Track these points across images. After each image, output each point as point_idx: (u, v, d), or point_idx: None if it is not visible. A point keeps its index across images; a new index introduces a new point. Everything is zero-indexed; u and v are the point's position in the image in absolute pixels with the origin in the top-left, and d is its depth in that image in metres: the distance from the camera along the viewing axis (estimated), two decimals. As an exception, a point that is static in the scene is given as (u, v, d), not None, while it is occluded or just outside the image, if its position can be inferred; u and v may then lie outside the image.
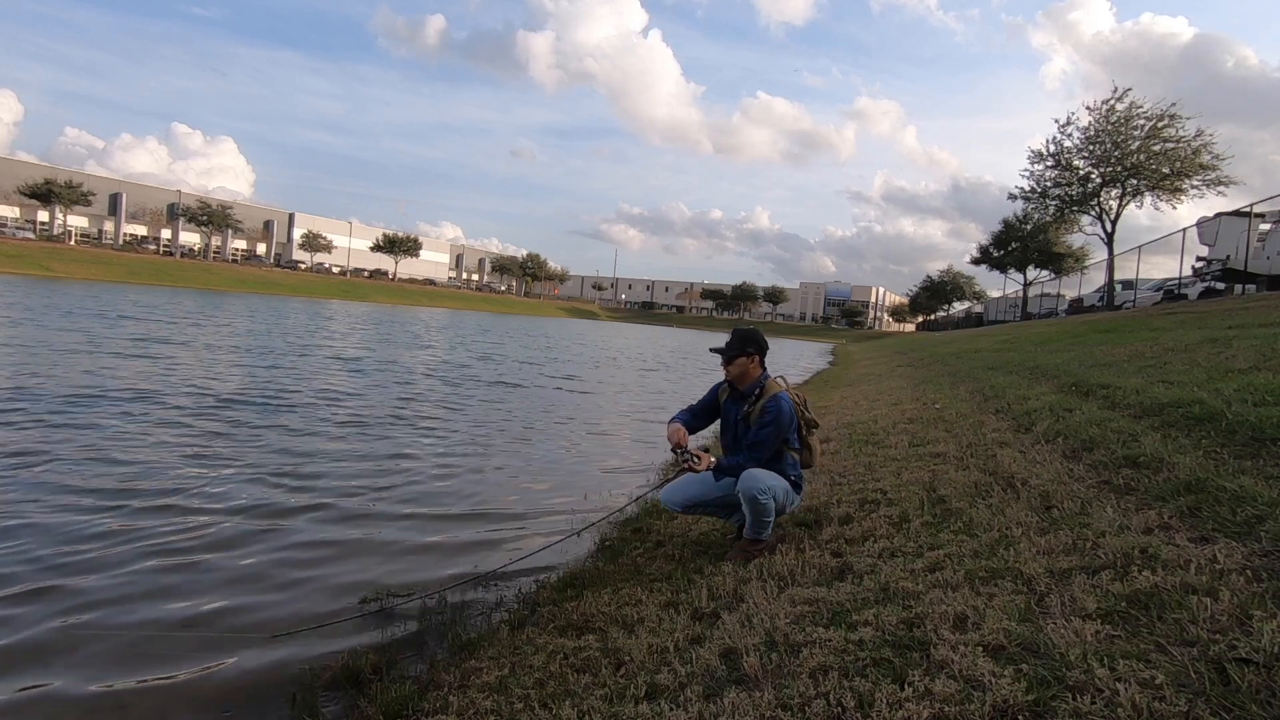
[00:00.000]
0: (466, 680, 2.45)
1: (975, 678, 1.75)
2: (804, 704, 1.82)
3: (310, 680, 2.65)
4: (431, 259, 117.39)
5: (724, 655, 2.22)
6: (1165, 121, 24.93)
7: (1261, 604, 1.82)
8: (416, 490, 5.42)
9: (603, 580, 3.37)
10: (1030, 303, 37.08)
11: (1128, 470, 3.20)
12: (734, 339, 3.53)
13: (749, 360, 3.49)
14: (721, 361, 3.54)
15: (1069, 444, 3.97)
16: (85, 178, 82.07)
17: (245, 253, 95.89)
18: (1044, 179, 28.69)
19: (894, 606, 2.28)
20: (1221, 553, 2.15)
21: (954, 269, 76.63)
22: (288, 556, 3.90)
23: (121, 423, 6.76)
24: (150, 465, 5.40)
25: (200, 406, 7.93)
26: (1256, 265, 15.47)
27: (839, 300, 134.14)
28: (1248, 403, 3.73)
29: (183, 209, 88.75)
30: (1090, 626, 1.88)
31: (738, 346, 3.49)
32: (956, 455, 4.43)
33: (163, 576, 3.53)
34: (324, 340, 19.49)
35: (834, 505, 3.85)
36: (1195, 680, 1.56)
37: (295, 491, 5.07)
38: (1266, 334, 6.57)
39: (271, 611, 3.28)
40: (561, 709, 2.04)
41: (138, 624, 3.05)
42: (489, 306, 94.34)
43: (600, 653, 2.47)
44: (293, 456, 6.07)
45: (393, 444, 6.93)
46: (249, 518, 4.44)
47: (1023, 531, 2.75)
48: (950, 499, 3.47)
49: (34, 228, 75.47)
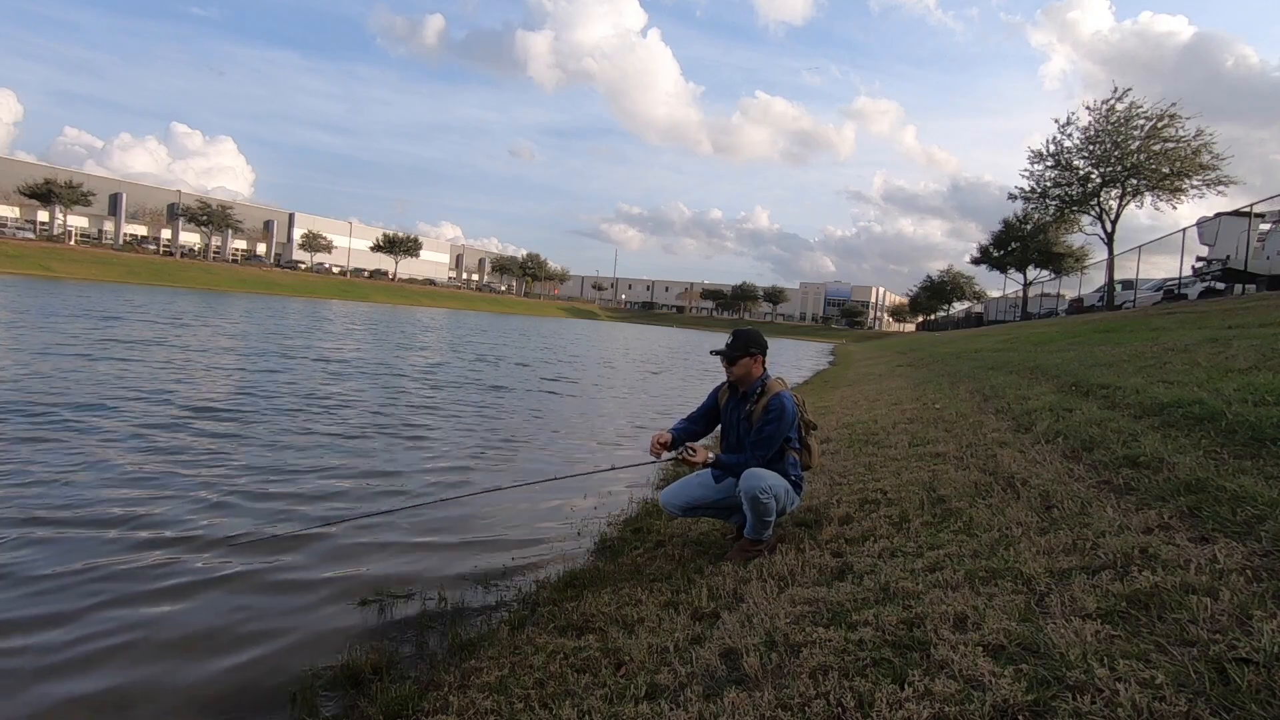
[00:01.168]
0: (466, 680, 2.45)
1: (975, 678, 1.75)
2: (804, 704, 1.82)
3: (310, 680, 2.65)
4: (431, 259, 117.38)
5: (724, 655, 2.22)
6: (1165, 121, 24.95)
7: (1261, 604, 1.82)
8: (415, 492, 5.41)
9: (603, 580, 3.37)
10: (1030, 303, 37.08)
11: (1128, 470, 3.20)
12: (736, 340, 3.52)
13: (752, 360, 3.49)
14: (723, 362, 3.53)
15: (1069, 444, 3.97)
16: (85, 178, 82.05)
17: (245, 253, 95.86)
18: (1044, 179, 28.71)
19: (894, 606, 2.27)
20: (1221, 553, 2.15)
21: (954, 269, 76.70)
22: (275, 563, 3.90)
23: (63, 434, 6.02)
24: (94, 485, 4.89)
25: (156, 419, 6.93)
26: (1256, 265, 15.48)
27: (839, 300, 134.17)
28: (1248, 403, 3.73)
29: (183, 209, 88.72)
30: (1090, 626, 1.88)
31: (741, 347, 3.48)
32: (956, 455, 4.42)
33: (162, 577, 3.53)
34: (314, 342, 19.34)
35: (834, 505, 3.85)
36: (1195, 680, 1.56)
37: (279, 502, 5.07)
38: (1266, 334, 6.57)
39: (271, 613, 3.28)
40: (561, 709, 2.04)
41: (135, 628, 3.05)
42: (489, 307, 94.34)
43: (600, 653, 2.47)
44: (265, 471, 6.06)
45: (390, 442, 6.93)
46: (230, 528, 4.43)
47: (1023, 531, 2.75)
48: (950, 499, 3.47)
49: (34, 228, 75.44)
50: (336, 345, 18.45)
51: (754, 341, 3.51)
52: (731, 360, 3.49)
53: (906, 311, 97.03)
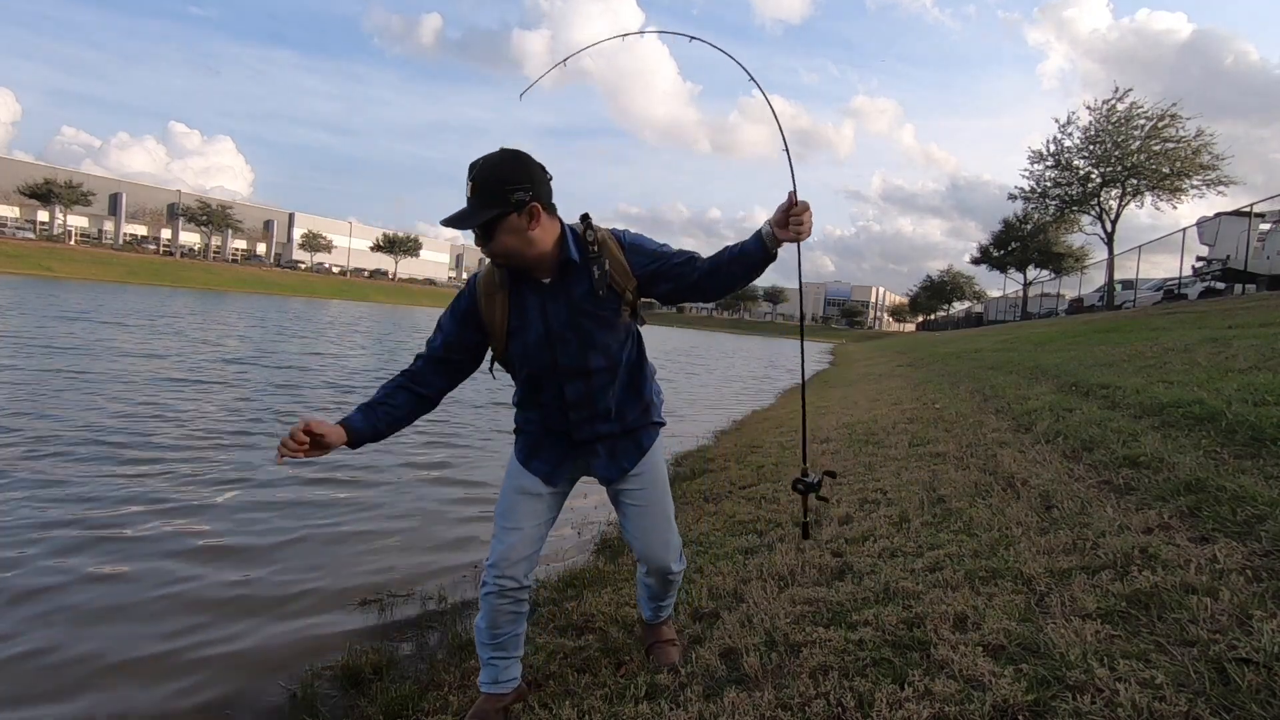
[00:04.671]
0: (466, 680, 2.45)
1: (975, 678, 1.75)
2: (804, 704, 1.82)
3: (310, 680, 2.65)
4: (432, 259, 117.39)
5: (724, 655, 2.22)
6: (1166, 121, 25.00)
7: (1261, 604, 1.82)
8: (414, 489, 5.42)
9: (603, 580, 3.37)
10: (1030, 302, 37.10)
11: (1128, 470, 3.20)
12: (484, 186, 1.69)
13: (535, 217, 1.74)
14: (478, 239, 1.78)
15: (1069, 444, 3.97)
16: (85, 177, 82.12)
17: (245, 253, 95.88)
18: (1044, 179, 28.76)
19: (894, 606, 2.28)
20: (1221, 553, 2.15)
21: (954, 268, 76.81)
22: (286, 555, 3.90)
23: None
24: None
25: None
26: (1256, 265, 15.49)
27: (839, 300, 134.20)
28: (1248, 402, 3.73)
29: (182, 209, 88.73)
30: (1090, 626, 1.88)
31: (497, 196, 1.69)
32: (956, 455, 4.42)
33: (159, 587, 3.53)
34: (303, 345, 19.38)
35: (834, 505, 3.85)
36: (1195, 680, 1.56)
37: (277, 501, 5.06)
38: (1266, 334, 6.57)
39: (269, 613, 3.28)
40: (561, 709, 2.04)
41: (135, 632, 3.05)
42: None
43: (600, 653, 2.47)
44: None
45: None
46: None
47: (1023, 531, 2.75)
48: (950, 499, 3.47)
49: (34, 228, 75.44)
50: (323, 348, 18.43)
51: (520, 177, 1.70)
52: (488, 234, 1.73)
53: (906, 311, 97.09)
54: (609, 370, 1.95)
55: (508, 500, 2.04)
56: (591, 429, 1.99)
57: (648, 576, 2.25)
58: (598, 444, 2.03)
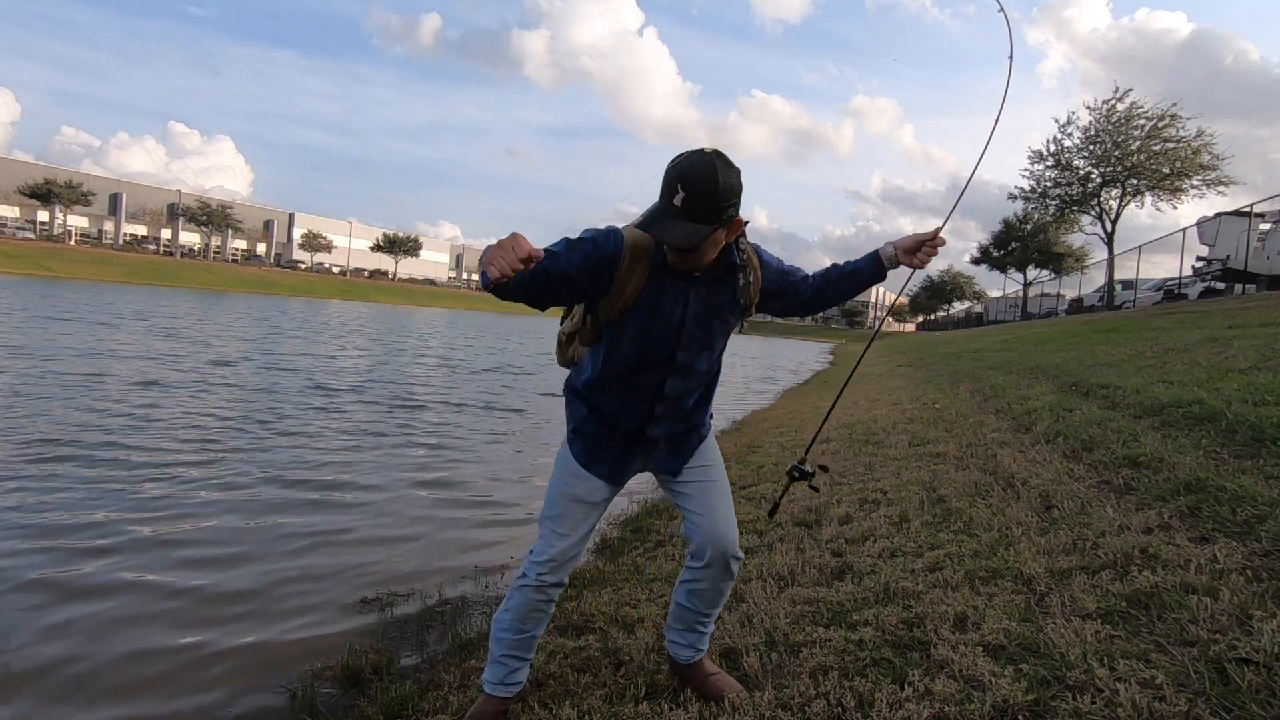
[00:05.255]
0: (466, 680, 2.45)
1: (975, 678, 1.75)
2: (804, 704, 1.82)
3: (310, 680, 2.65)
4: (431, 259, 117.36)
5: (724, 655, 2.22)
6: (1166, 121, 24.98)
7: (1261, 604, 1.82)
8: (414, 492, 5.42)
9: (603, 580, 3.37)
10: (1030, 303, 37.09)
11: (1128, 470, 3.20)
12: (698, 198, 1.59)
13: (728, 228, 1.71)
14: (673, 250, 1.70)
15: (1069, 444, 3.97)
16: (85, 177, 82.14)
17: (245, 253, 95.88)
18: (1044, 179, 28.74)
19: (894, 606, 2.28)
20: (1221, 553, 2.15)
21: (954, 269, 76.76)
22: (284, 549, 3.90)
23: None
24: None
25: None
26: (1256, 265, 15.49)
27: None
28: (1248, 402, 3.73)
29: (182, 209, 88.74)
30: (1090, 626, 1.88)
31: (712, 213, 1.61)
32: (956, 455, 4.42)
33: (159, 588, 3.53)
34: (294, 349, 19.36)
35: (834, 505, 3.85)
36: (1195, 680, 1.56)
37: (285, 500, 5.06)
38: (1266, 334, 6.57)
39: (271, 615, 3.28)
40: (561, 709, 2.04)
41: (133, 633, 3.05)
42: (491, 307, 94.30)
43: (600, 653, 2.47)
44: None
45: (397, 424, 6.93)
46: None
47: (1023, 531, 2.75)
48: (950, 499, 3.47)
49: (34, 228, 75.46)
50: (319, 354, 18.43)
51: (737, 192, 1.65)
52: (695, 247, 1.65)
53: (906, 311, 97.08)
54: (707, 374, 1.92)
55: (561, 506, 1.94)
56: (667, 427, 1.91)
57: (705, 572, 1.94)
58: (662, 440, 1.94)
